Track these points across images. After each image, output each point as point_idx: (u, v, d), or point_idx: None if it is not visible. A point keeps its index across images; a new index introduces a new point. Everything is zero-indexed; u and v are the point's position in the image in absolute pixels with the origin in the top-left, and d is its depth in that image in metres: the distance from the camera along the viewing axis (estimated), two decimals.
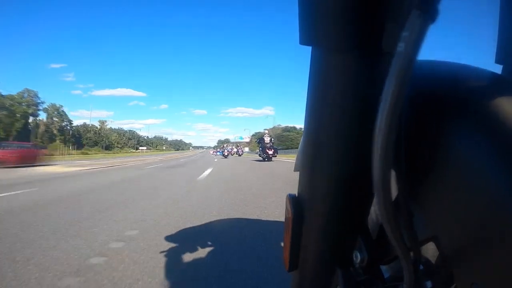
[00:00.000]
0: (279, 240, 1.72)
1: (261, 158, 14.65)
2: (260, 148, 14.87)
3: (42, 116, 60.81)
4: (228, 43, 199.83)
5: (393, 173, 0.20)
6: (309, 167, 0.27)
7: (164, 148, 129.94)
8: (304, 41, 0.22)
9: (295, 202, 0.30)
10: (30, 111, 59.14)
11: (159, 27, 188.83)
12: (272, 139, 15.12)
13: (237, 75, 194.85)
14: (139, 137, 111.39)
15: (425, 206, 0.20)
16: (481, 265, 0.16)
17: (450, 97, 0.20)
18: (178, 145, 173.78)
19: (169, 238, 1.88)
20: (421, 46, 0.14)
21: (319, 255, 0.29)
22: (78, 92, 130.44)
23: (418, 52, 0.14)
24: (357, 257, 0.26)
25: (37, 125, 59.55)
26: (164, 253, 1.59)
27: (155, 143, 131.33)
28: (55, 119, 62.58)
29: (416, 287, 0.20)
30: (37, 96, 60.11)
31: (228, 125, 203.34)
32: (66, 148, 59.18)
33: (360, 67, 0.21)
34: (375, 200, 0.20)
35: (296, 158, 0.37)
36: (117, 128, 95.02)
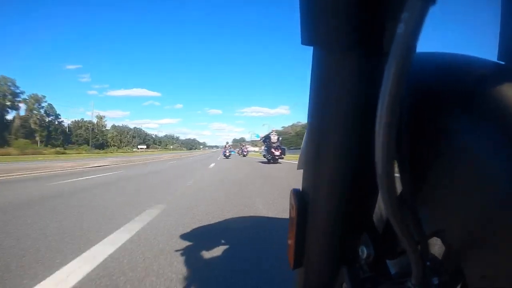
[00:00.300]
0: None
1: (265, 160, 12.59)
2: (265, 148, 12.78)
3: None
4: (243, 42, 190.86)
5: (397, 168, 0.19)
6: (312, 164, 0.27)
7: (171, 147, 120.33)
8: (305, 41, 0.22)
9: (299, 198, 0.29)
10: (6, 102, 48.79)
11: (173, 26, 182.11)
12: (280, 138, 12.64)
13: (252, 74, 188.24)
14: (145, 135, 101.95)
15: (431, 201, 0.20)
16: (490, 257, 0.16)
17: (453, 90, 0.19)
18: (191, 144, 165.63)
19: None
20: (421, 29, 0.13)
21: (324, 251, 0.28)
22: (93, 92, 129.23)
23: (418, 35, 0.14)
24: (363, 253, 0.26)
25: (13, 119, 49.36)
26: None
27: (165, 142, 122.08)
28: (35, 112, 52.43)
29: (423, 283, 0.20)
30: (16, 85, 50.22)
31: (243, 124, 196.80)
32: (48, 146, 48.42)
33: (361, 67, 0.21)
34: (380, 195, 0.20)
35: (300, 156, 0.37)
36: (121, 126, 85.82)
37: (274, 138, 12.17)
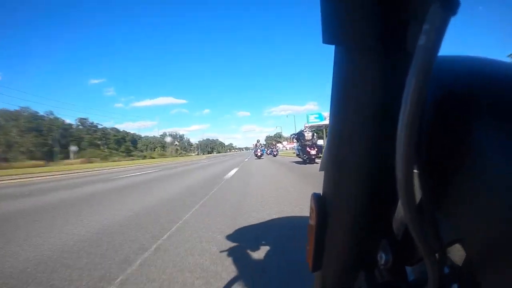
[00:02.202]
0: None
1: (299, 160, 11.17)
2: (299, 147, 11.00)
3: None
4: (267, 41, 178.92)
5: (417, 174, 0.20)
6: (333, 167, 0.27)
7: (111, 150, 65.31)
8: (327, 40, 0.22)
9: (319, 202, 0.29)
10: None
11: (194, 32, 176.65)
12: (315, 134, 10.81)
13: (277, 73, 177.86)
14: (73, 129, 59.56)
15: (452, 209, 0.19)
16: (509, 269, 0.16)
17: (479, 95, 0.19)
18: (211, 147, 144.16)
19: None
20: (443, 39, 0.13)
21: (343, 255, 0.28)
22: (120, 105, 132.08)
23: (439, 45, 0.14)
24: (382, 258, 0.26)
25: None
26: None
27: (150, 145, 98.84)
28: None
29: None
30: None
31: (272, 124, 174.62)
32: None
33: (384, 66, 0.20)
34: (399, 201, 0.20)
35: (322, 158, 0.37)
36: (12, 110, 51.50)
37: (308, 135, 10.34)
